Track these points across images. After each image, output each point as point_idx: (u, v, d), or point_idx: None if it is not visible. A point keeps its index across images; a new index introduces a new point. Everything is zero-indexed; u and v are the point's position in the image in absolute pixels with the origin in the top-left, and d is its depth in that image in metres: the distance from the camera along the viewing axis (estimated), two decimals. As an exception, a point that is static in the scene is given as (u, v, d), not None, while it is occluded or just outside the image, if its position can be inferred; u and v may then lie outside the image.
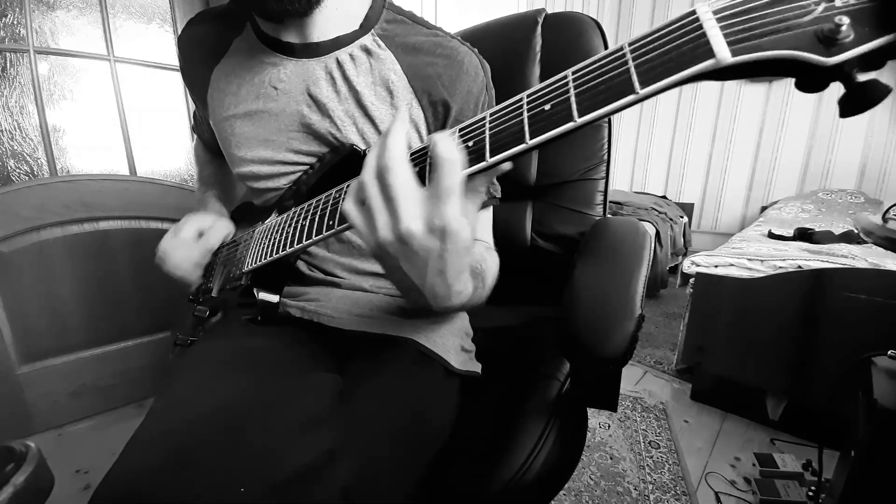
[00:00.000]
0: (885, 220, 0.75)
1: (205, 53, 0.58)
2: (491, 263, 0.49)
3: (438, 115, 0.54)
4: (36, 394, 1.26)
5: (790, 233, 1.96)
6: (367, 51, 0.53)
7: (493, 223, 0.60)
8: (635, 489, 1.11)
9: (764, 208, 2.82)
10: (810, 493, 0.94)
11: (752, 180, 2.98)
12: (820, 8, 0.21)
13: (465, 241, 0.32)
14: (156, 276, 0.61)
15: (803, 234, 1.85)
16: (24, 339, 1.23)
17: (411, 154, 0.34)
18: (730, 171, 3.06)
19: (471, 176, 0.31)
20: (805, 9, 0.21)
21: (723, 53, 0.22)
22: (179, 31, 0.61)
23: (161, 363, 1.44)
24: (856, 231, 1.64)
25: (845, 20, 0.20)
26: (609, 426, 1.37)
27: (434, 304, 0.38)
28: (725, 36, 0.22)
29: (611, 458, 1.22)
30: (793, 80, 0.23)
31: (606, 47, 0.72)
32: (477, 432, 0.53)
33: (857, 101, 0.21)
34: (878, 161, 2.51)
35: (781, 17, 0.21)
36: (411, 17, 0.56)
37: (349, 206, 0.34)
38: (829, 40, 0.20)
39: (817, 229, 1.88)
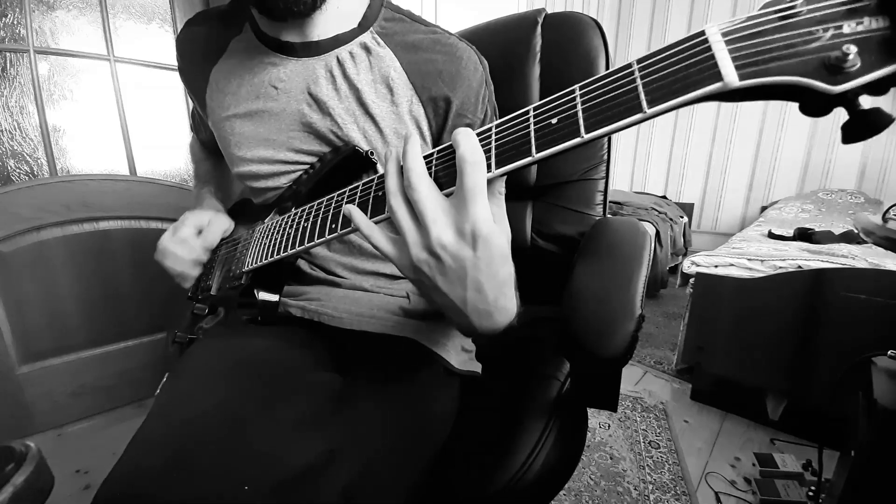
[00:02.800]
0: (885, 220, 0.75)
1: (203, 54, 0.58)
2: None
3: (439, 112, 0.54)
4: (36, 394, 1.26)
5: (790, 233, 1.96)
6: (367, 48, 0.53)
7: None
8: (635, 489, 1.11)
9: (764, 208, 2.82)
10: (810, 493, 0.94)
11: (752, 180, 2.98)
12: (827, 35, 0.21)
13: (499, 247, 0.31)
14: (156, 275, 0.61)
15: (803, 234, 1.85)
16: (24, 339, 1.23)
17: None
18: (730, 171, 3.06)
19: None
20: (813, 35, 0.21)
21: (730, 76, 0.22)
22: (179, 32, 0.61)
23: (161, 363, 1.44)
24: (856, 231, 1.64)
25: (853, 49, 0.20)
26: (609, 426, 1.37)
27: (478, 323, 0.35)
28: (734, 59, 0.22)
29: (611, 458, 1.22)
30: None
31: (606, 48, 0.72)
32: (477, 432, 0.53)
33: (861, 129, 0.21)
34: (878, 161, 2.51)
35: (789, 43, 0.21)
36: (409, 16, 0.56)
37: (382, 242, 0.34)
38: (835, 68, 0.20)
39: (817, 229, 1.88)
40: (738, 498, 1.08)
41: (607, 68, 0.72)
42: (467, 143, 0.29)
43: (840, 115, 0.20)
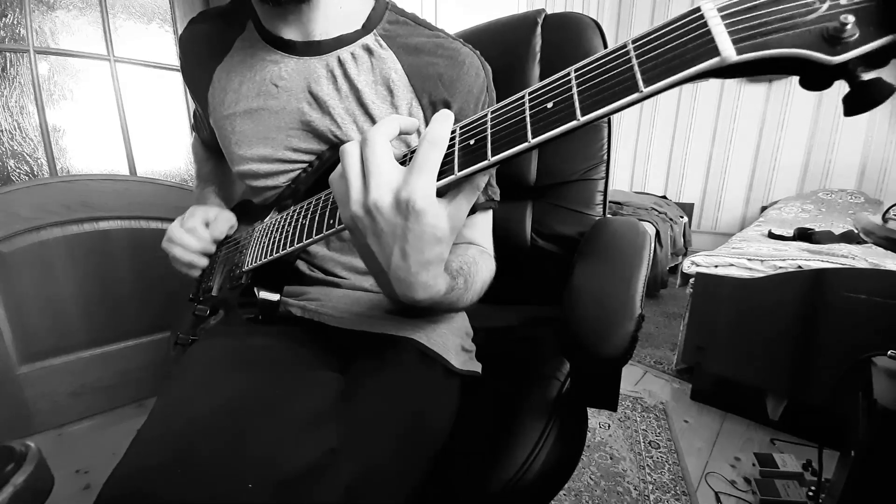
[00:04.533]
0: (885, 220, 0.75)
1: (207, 52, 0.58)
2: (482, 267, 0.49)
3: None
4: (36, 394, 1.26)
5: (790, 233, 1.96)
6: (369, 50, 0.53)
7: (493, 223, 0.60)
8: (635, 489, 1.11)
9: (764, 208, 2.82)
10: (810, 493, 0.94)
11: (752, 180, 2.98)
12: (825, 6, 0.21)
13: (433, 226, 0.32)
14: (156, 276, 0.61)
15: (803, 234, 1.85)
16: (24, 339, 1.22)
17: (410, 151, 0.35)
18: (730, 171, 3.06)
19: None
20: (809, 7, 0.21)
21: (728, 51, 0.22)
22: (180, 31, 0.61)
23: (161, 363, 1.44)
24: (856, 231, 1.64)
25: (850, 19, 0.20)
26: (609, 426, 1.37)
27: (399, 291, 0.36)
28: (730, 34, 0.22)
29: (611, 458, 1.22)
30: (795, 78, 0.23)
31: (606, 48, 0.72)
32: (477, 432, 0.53)
33: (862, 100, 0.21)
34: (878, 161, 2.51)
35: (786, 15, 0.21)
36: (413, 19, 0.57)
37: (333, 177, 0.35)
38: (833, 39, 0.20)
39: (817, 229, 1.88)
40: (738, 498, 1.08)
41: (607, 68, 0.71)
42: (437, 126, 0.31)
43: (842, 103, 0.20)
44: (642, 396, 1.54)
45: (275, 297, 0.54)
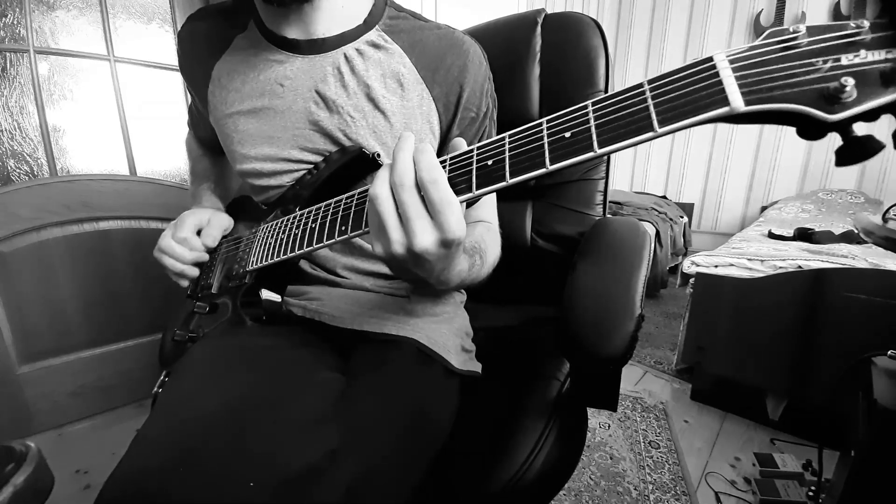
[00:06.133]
0: (885, 220, 0.75)
1: (205, 49, 0.58)
2: (490, 243, 0.51)
3: (450, 106, 0.55)
4: (36, 394, 1.26)
5: (790, 233, 1.96)
6: (375, 45, 0.53)
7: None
8: (635, 489, 1.11)
9: (764, 208, 2.82)
10: (810, 493, 0.94)
11: (752, 180, 2.98)
12: (826, 66, 0.22)
13: (463, 235, 0.34)
14: (155, 276, 0.61)
15: (803, 234, 1.85)
16: (24, 339, 1.23)
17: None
18: (730, 171, 3.06)
19: None
20: (812, 66, 0.22)
21: (736, 102, 0.23)
22: (181, 26, 0.61)
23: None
24: (856, 231, 1.64)
25: (850, 81, 0.21)
26: (609, 426, 1.37)
27: (438, 287, 0.41)
28: (740, 85, 0.23)
29: (611, 458, 1.22)
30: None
31: (606, 48, 0.72)
32: (477, 432, 0.53)
33: (854, 154, 0.23)
34: (878, 161, 2.51)
35: (790, 72, 0.23)
36: (413, 14, 0.57)
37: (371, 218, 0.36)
38: (832, 98, 0.22)
39: (817, 229, 1.88)
40: (738, 498, 1.08)
41: (607, 68, 0.72)
42: (423, 157, 0.32)
43: (834, 154, 0.21)
44: (642, 396, 1.54)
45: (277, 297, 0.54)
